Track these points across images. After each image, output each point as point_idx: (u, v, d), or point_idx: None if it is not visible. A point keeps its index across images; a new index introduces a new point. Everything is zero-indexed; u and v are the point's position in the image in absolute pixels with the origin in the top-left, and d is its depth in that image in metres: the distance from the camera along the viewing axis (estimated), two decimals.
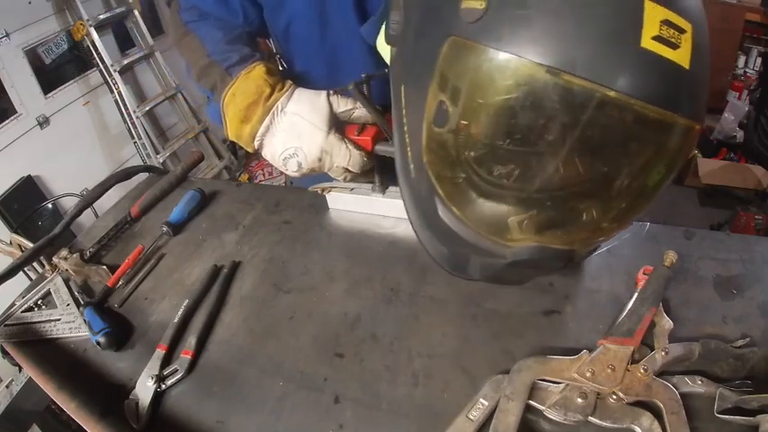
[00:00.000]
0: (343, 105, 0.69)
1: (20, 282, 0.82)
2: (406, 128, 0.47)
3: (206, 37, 0.73)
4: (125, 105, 2.73)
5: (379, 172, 0.82)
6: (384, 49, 0.61)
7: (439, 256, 0.56)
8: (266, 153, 0.71)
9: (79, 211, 0.96)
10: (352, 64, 0.79)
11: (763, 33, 3.47)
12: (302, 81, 0.73)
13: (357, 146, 0.70)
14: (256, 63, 0.69)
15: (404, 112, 0.47)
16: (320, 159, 0.68)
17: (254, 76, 0.68)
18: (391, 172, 0.83)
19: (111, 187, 1.01)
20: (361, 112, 0.69)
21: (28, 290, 0.82)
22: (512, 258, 0.40)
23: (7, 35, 2.26)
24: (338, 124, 0.70)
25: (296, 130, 0.67)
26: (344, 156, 0.68)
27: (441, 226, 0.47)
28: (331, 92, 0.70)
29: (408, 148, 0.48)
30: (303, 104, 0.68)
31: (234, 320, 0.71)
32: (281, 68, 0.81)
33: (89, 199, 0.98)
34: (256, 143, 0.70)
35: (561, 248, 0.38)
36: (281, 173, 0.92)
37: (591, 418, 0.50)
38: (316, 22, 0.78)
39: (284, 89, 0.69)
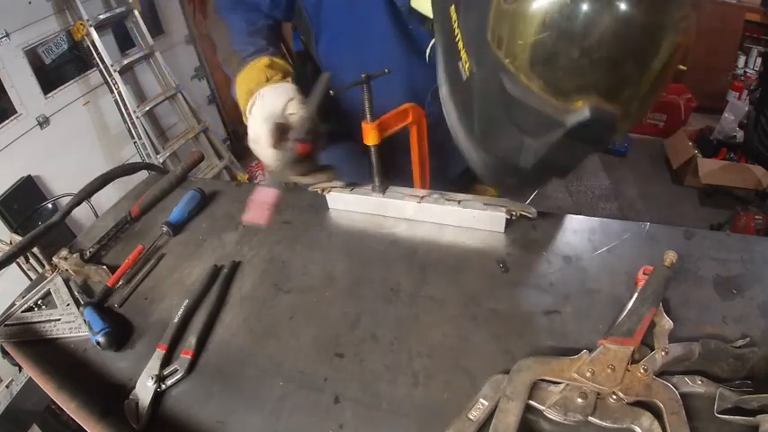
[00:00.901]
0: (291, 108, 0.75)
1: (20, 282, 0.82)
2: (458, 38, 0.52)
3: (233, 27, 0.86)
4: (125, 105, 2.72)
5: (378, 172, 0.82)
6: (419, 3, 0.72)
7: (486, 167, 0.59)
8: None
9: (79, 201, 0.95)
10: (374, 42, 0.84)
11: (763, 33, 3.47)
12: (329, 54, 0.87)
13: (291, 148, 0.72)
14: (264, 56, 0.81)
15: (455, 25, 0.53)
16: (255, 142, 0.74)
17: (257, 67, 0.81)
18: (391, 172, 0.84)
19: (112, 179, 1.01)
20: (296, 118, 0.74)
21: (28, 290, 0.82)
22: (571, 122, 0.44)
23: (7, 35, 2.26)
24: (282, 126, 0.73)
25: (253, 115, 0.76)
26: (265, 150, 0.73)
27: (497, 119, 0.51)
28: (299, 97, 0.76)
29: (462, 53, 0.52)
30: (269, 96, 0.76)
31: (234, 320, 0.71)
32: (289, 61, 0.88)
33: (89, 189, 0.98)
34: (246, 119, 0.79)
35: (611, 111, 0.43)
36: None
37: (591, 418, 0.50)
38: None
39: (273, 80, 0.79)
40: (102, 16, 2.61)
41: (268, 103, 0.75)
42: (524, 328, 0.64)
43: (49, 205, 2.43)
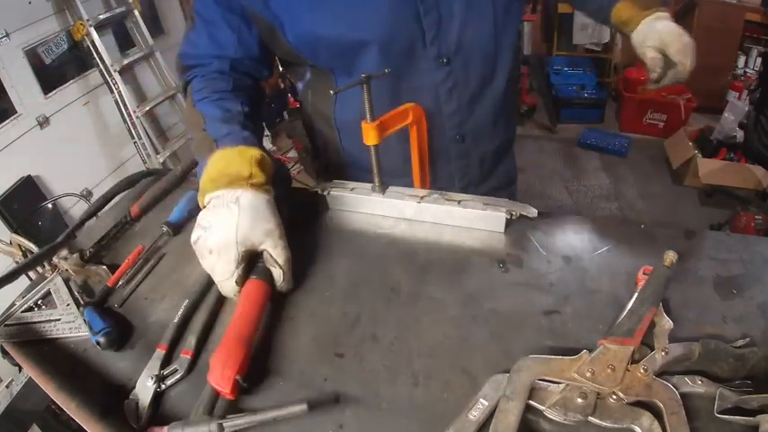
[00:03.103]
0: (267, 244, 0.68)
1: (20, 281, 0.82)
2: None
3: (207, 114, 0.80)
4: (125, 105, 2.72)
5: (379, 172, 0.82)
6: None
7: None
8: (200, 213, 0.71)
9: (82, 222, 0.96)
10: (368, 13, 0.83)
11: (763, 33, 3.47)
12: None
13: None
14: (239, 143, 0.73)
15: None
16: (210, 253, 0.67)
17: (239, 152, 0.71)
18: (389, 173, 0.84)
19: (114, 197, 1.03)
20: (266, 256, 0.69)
21: (28, 290, 0.82)
22: None
23: (7, 35, 2.26)
24: (249, 255, 0.68)
25: (220, 219, 0.67)
26: (219, 272, 0.67)
27: None
28: (278, 231, 0.69)
29: None
30: (248, 214, 0.67)
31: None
32: (267, 154, 0.77)
33: (92, 209, 1.00)
34: (203, 200, 0.72)
35: None
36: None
37: (591, 418, 0.50)
38: None
39: (255, 180, 0.70)
40: (102, 16, 2.62)
41: (246, 225, 0.66)
42: (524, 328, 0.64)
43: (49, 205, 2.43)
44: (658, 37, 0.84)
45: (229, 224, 0.66)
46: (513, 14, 0.92)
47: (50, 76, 2.53)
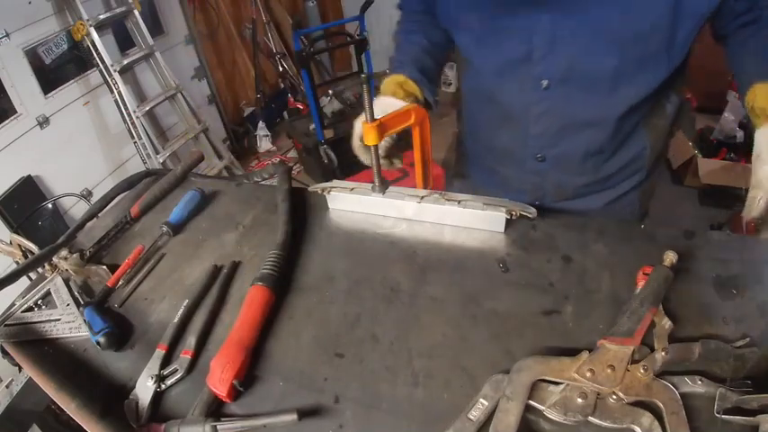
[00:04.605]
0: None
1: (20, 281, 0.82)
2: None
3: (398, 45, 1.05)
4: (125, 105, 2.72)
5: (378, 172, 0.82)
6: None
7: None
8: None
9: (83, 223, 0.97)
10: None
11: None
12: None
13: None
14: (399, 73, 0.95)
15: None
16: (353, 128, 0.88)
17: (392, 79, 0.95)
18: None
19: (113, 198, 1.03)
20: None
21: (28, 290, 0.82)
22: None
23: (7, 35, 2.26)
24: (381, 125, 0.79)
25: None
26: (356, 135, 0.87)
27: None
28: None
29: None
30: (381, 101, 0.90)
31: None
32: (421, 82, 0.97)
33: (93, 211, 1.00)
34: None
35: None
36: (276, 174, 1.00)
37: (591, 418, 0.50)
38: None
39: (396, 94, 0.92)
40: (102, 16, 2.61)
41: (378, 104, 0.87)
42: (524, 328, 0.64)
43: (49, 205, 2.43)
44: None
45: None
46: (650, 69, 0.81)
47: (50, 76, 2.53)
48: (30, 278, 0.91)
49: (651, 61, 0.80)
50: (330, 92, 3.40)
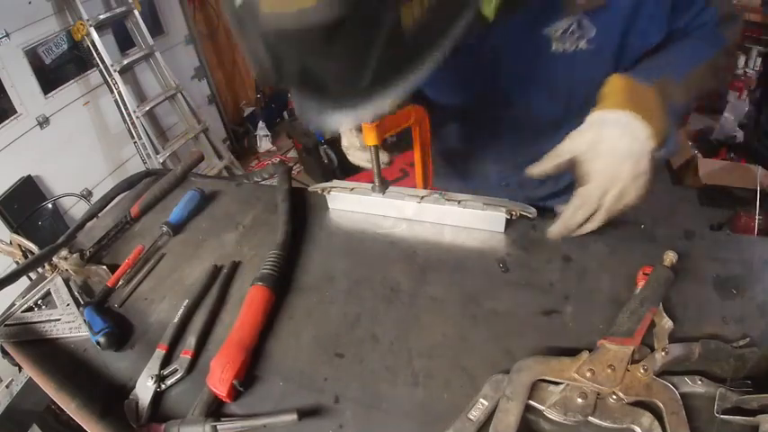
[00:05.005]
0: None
1: (20, 281, 0.82)
2: None
3: None
4: (125, 105, 2.73)
5: (378, 172, 0.82)
6: None
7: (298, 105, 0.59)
8: None
9: (83, 223, 0.97)
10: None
11: (763, 33, 3.46)
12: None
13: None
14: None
15: None
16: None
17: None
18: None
19: (113, 198, 1.03)
20: None
21: (28, 290, 0.82)
22: (264, 27, 0.47)
23: (7, 35, 2.26)
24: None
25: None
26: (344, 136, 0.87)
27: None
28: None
29: None
30: None
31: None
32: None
33: (93, 211, 1.00)
34: None
35: (291, 12, 0.45)
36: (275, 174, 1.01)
37: (591, 418, 0.50)
38: None
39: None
40: (102, 16, 2.62)
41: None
42: (524, 328, 0.64)
43: (49, 205, 2.43)
44: (590, 140, 0.63)
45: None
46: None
47: (50, 76, 2.53)
48: (30, 278, 0.91)
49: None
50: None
